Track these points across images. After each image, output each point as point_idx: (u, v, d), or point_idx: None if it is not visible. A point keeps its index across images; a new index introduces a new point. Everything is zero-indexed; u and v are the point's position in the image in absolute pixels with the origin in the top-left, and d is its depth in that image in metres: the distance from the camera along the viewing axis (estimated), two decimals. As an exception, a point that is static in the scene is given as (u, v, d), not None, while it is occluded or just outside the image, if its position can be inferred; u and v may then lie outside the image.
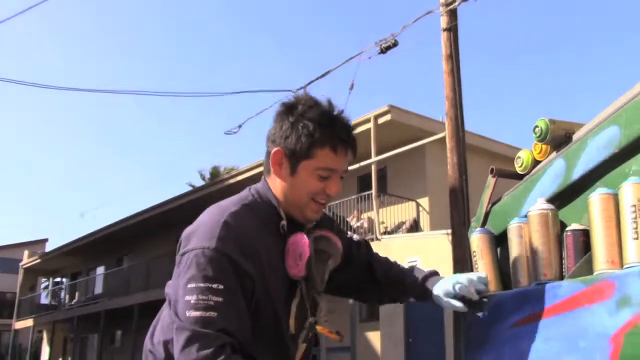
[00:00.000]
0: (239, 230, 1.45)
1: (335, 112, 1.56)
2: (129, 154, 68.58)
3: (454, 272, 8.35)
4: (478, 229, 2.07)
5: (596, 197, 1.61)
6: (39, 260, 26.74)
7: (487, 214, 2.11)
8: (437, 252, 11.21)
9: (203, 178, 29.93)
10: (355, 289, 1.90)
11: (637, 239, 1.48)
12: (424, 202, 13.94)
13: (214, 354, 1.30)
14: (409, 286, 1.80)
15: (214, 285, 1.36)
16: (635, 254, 1.48)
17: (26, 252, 29.21)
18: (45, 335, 27.26)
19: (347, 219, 13.97)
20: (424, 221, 13.91)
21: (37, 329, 26.58)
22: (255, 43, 61.63)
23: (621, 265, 1.52)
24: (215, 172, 29.81)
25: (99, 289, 25.37)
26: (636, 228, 1.49)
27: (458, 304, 1.70)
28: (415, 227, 13.77)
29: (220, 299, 1.35)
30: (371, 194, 13.26)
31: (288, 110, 1.55)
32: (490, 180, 2.13)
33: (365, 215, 13.84)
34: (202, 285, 1.36)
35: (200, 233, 1.46)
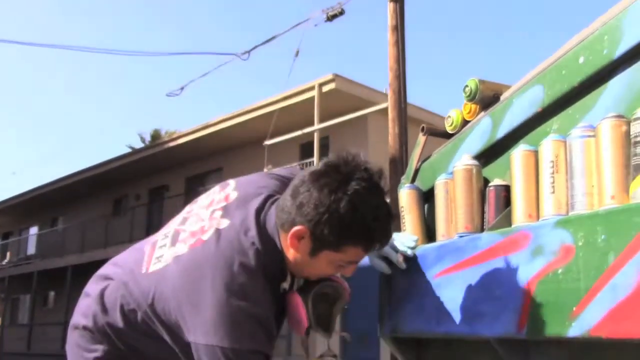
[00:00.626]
0: (267, 320, 1.38)
1: (383, 202, 1.41)
2: (67, 113, 66.41)
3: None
4: (407, 184, 2.12)
5: (518, 153, 1.67)
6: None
7: (416, 171, 2.16)
8: (375, 221, 11.37)
9: (143, 141, 29.29)
10: None
11: (553, 193, 1.54)
12: (365, 172, 14.07)
13: None
14: None
15: (253, 347, 1.34)
16: (551, 207, 1.54)
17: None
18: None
19: (288, 186, 14.01)
20: (364, 191, 14.06)
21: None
22: (199, 3, 60.24)
23: (538, 219, 1.58)
24: (156, 135, 29.23)
25: (31, 249, 24.72)
26: (553, 183, 1.55)
27: (382, 264, 1.78)
28: (355, 196, 13.94)
29: None
30: (313, 162, 13.30)
31: (334, 183, 1.36)
32: (421, 138, 2.17)
33: (306, 183, 13.90)
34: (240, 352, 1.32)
35: (211, 321, 1.34)
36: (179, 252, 1.48)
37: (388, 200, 1.43)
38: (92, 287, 1.65)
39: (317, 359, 1.64)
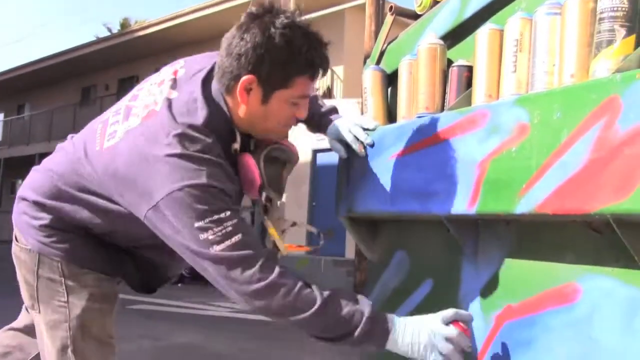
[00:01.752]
0: (216, 162, 1.38)
1: (313, 31, 1.46)
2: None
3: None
4: (372, 66, 2.07)
5: (483, 32, 1.62)
6: None
7: (382, 53, 2.11)
8: (347, 120, 11.35)
9: (109, 31, 28.34)
10: None
11: (514, 72, 1.51)
12: (339, 70, 13.89)
13: (260, 269, 1.30)
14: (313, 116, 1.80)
15: (222, 215, 1.32)
16: (512, 87, 1.51)
17: None
18: None
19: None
20: (337, 89, 13.94)
21: None
22: None
23: (498, 99, 1.56)
24: (125, 24, 28.27)
25: (-3, 136, 24.36)
26: (515, 62, 1.51)
27: (340, 148, 1.79)
28: (328, 94, 13.79)
29: (234, 221, 1.32)
30: (287, 57, 13.06)
31: (260, 23, 1.40)
32: (388, 19, 2.10)
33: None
34: (210, 219, 1.31)
35: (165, 173, 1.34)
36: (131, 125, 1.48)
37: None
38: (46, 163, 1.65)
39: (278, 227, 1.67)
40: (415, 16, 2.06)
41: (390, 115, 2.00)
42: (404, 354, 1.33)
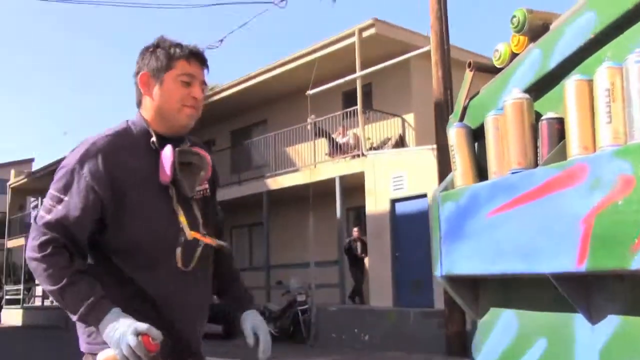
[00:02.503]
0: (101, 155, 1.65)
1: (185, 44, 1.80)
2: (112, 70, 67.12)
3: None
4: (455, 123, 2.07)
5: (571, 83, 1.60)
6: (26, 180, 26.61)
7: (464, 109, 2.11)
8: (423, 167, 11.26)
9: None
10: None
11: (609, 122, 1.48)
12: (410, 117, 13.87)
13: (40, 245, 1.58)
14: (233, 299, 1.96)
15: (60, 195, 1.63)
16: (608, 137, 1.48)
17: (12, 172, 29.06)
18: (37, 256, 27.45)
19: (333, 135, 13.95)
20: (410, 137, 13.91)
21: (28, 250, 26.76)
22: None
23: (594, 150, 1.53)
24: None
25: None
26: (609, 112, 1.49)
27: (250, 339, 1.84)
28: (401, 142, 13.76)
29: (59, 206, 1.62)
30: (356, 109, 13.17)
31: (147, 47, 1.80)
32: (468, 75, 2.11)
33: (350, 132, 13.80)
34: (53, 193, 1.65)
35: (70, 154, 1.70)
36: None
37: None
38: None
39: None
40: (494, 70, 2.06)
41: (480, 171, 1.98)
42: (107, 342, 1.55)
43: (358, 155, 13.07)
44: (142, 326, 1.52)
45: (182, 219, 1.71)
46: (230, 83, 16.93)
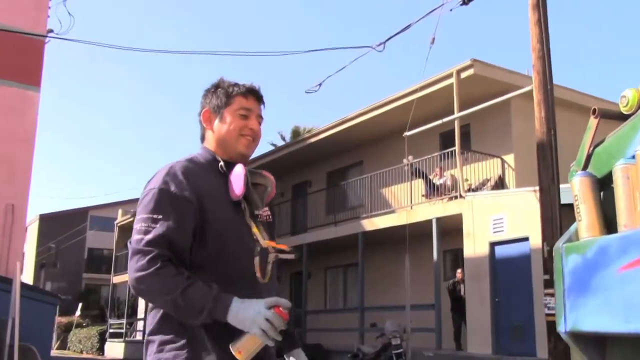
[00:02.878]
0: (180, 173, 1.78)
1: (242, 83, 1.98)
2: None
3: (542, 231, 8.12)
4: (579, 172, 1.99)
5: None
6: (132, 219, 27.89)
7: (588, 157, 2.03)
8: (524, 209, 10.91)
9: (283, 139, 30.24)
10: None
11: None
12: (509, 158, 13.52)
13: (148, 262, 1.64)
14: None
15: (154, 215, 1.71)
16: None
17: (120, 211, 30.58)
18: (139, 291, 28.53)
19: (430, 177, 13.81)
20: (510, 178, 13.54)
21: (132, 285, 27.88)
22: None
23: None
24: (296, 132, 30.01)
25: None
26: None
27: None
28: (500, 184, 13.41)
29: (156, 225, 1.70)
30: (454, 151, 12.99)
31: (209, 89, 1.98)
32: (592, 122, 2.03)
33: (448, 173, 13.61)
34: (145, 216, 1.72)
35: (151, 181, 1.81)
36: None
37: None
38: None
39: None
40: (621, 117, 1.98)
41: (607, 222, 1.89)
42: (240, 327, 1.62)
43: (455, 197, 12.84)
44: (270, 299, 1.63)
45: (256, 230, 1.84)
46: (327, 125, 17.21)
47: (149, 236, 1.69)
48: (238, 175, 1.83)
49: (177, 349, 1.70)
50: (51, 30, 12.85)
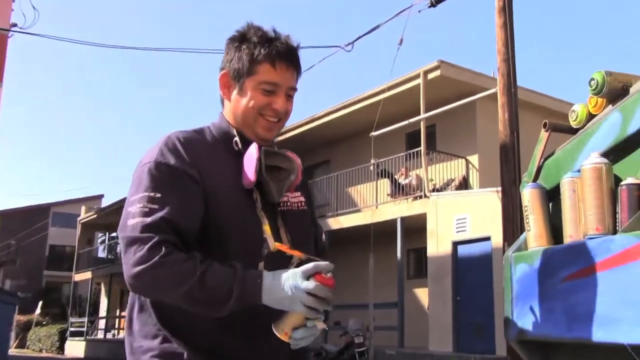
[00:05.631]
0: (181, 144, 1.48)
1: (276, 35, 1.57)
2: (186, 122, 69.40)
3: (503, 231, 8.26)
4: (530, 183, 2.06)
5: (653, 150, 1.58)
6: (95, 216, 27.51)
7: (539, 169, 2.09)
8: (487, 209, 11.10)
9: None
10: None
11: (695, 192, 1.45)
12: (474, 159, 13.73)
13: (149, 251, 1.33)
14: None
15: (152, 194, 1.40)
16: (693, 207, 1.45)
17: (83, 208, 30.12)
18: (103, 287, 28.25)
19: (395, 176, 13.93)
20: (474, 179, 13.75)
21: (95, 281, 27.51)
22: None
23: (677, 219, 1.49)
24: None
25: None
26: (694, 181, 1.45)
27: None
28: (464, 184, 13.61)
29: (156, 206, 1.38)
30: (420, 151, 13.15)
31: (233, 39, 1.59)
32: (543, 135, 2.10)
33: (413, 173, 13.76)
34: (140, 195, 1.41)
35: (146, 154, 1.50)
36: None
37: None
38: None
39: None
40: (571, 130, 2.04)
41: (554, 233, 1.95)
42: (278, 307, 1.34)
43: (420, 197, 12.98)
44: (307, 266, 1.34)
45: (266, 228, 1.48)
46: (294, 124, 17.19)
47: (148, 219, 1.36)
48: (250, 158, 1.49)
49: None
50: (15, 25, 12.60)
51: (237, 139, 1.55)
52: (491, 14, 9.39)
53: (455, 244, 12.08)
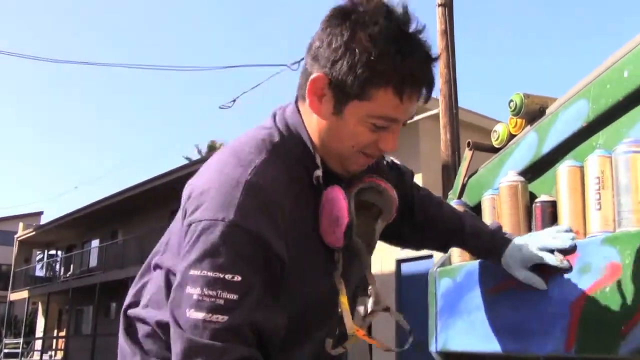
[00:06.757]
0: (267, 195, 1.04)
1: (413, 30, 1.09)
2: (124, 133, 68.29)
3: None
4: (454, 200, 2.12)
5: (563, 169, 1.66)
6: (33, 233, 26.79)
7: (463, 186, 2.16)
8: (429, 228, 11.28)
9: (200, 152, 29.98)
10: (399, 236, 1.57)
11: (599, 209, 1.53)
12: (417, 178, 13.90)
13: None
14: (471, 245, 1.56)
15: (228, 277, 0.98)
16: (598, 224, 1.53)
17: (21, 225, 29.27)
18: (40, 307, 27.45)
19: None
20: (417, 198, 13.95)
21: (32, 301, 26.74)
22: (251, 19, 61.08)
23: (585, 235, 1.57)
24: (212, 146, 29.82)
25: (93, 261, 25.49)
26: (599, 199, 1.53)
27: (534, 278, 1.46)
28: (408, 203, 13.84)
29: (234, 297, 0.97)
30: (365, 170, 13.29)
31: (344, 18, 1.07)
32: (467, 153, 2.18)
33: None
34: (210, 275, 0.98)
35: (212, 196, 1.03)
36: None
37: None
38: None
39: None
40: (493, 149, 2.13)
41: (477, 248, 2.02)
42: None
43: (365, 215, 13.09)
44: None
45: (344, 302, 1.15)
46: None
47: (219, 317, 0.95)
48: (336, 217, 1.10)
49: None
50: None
51: (319, 175, 1.13)
52: (434, 37, 9.63)
53: (399, 262, 12.23)
